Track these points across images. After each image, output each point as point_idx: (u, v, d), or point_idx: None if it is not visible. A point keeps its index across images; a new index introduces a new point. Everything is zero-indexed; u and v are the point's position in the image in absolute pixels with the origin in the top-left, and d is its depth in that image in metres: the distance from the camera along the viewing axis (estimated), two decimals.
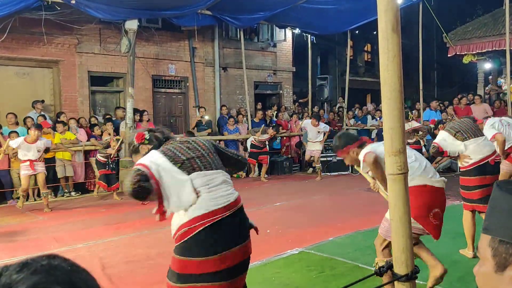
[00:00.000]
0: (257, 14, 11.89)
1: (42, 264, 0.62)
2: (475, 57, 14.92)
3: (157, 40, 12.08)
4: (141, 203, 4.75)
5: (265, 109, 13.78)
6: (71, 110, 10.65)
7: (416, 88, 13.89)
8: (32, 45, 10.18)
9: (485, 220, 0.93)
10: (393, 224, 2.00)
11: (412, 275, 1.97)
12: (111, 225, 6.76)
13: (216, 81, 13.49)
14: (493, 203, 0.92)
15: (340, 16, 12.51)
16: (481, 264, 0.93)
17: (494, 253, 0.88)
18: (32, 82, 10.58)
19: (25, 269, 0.61)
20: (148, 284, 4.20)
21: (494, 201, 0.92)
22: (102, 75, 11.56)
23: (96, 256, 5.08)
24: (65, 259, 0.67)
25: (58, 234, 6.31)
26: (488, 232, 0.91)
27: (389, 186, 2.01)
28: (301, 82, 16.37)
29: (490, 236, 0.90)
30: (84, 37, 10.98)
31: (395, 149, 1.96)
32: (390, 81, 1.91)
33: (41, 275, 0.60)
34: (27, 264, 0.62)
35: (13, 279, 0.59)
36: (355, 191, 9.15)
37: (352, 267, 4.45)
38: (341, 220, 6.55)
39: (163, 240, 5.78)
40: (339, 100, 16.05)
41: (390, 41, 1.88)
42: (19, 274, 0.60)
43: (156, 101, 12.55)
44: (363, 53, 22.71)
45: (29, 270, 0.61)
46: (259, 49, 14.74)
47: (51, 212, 7.91)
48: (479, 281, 0.93)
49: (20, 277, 0.59)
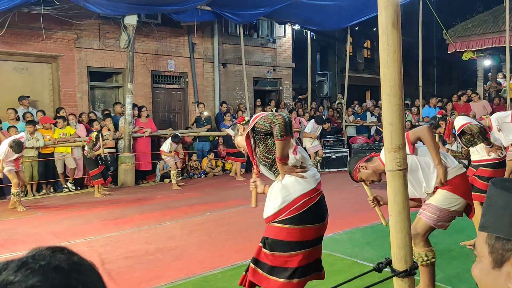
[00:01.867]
0: (257, 10, 11.86)
1: (41, 265, 0.60)
2: (474, 54, 14.91)
3: (156, 35, 12.05)
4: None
5: (264, 105, 13.76)
6: (70, 106, 10.62)
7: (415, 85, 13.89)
8: (31, 40, 10.15)
9: (482, 217, 0.94)
10: (391, 220, 2.00)
11: (411, 271, 1.97)
12: (110, 220, 6.77)
13: (215, 77, 13.47)
14: (489, 200, 0.93)
15: (340, 12, 12.49)
16: (478, 262, 0.93)
17: (491, 249, 0.89)
18: (31, 77, 10.55)
19: (23, 269, 0.59)
20: (147, 279, 4.20)
21: (490, 198, 0.93)
22: (101, 71, 11.53)
23: (95, 252, 5.08)
24: (71, 255, 0.64)
25: (57, 229, 6.31)
26: (484, 229, 0.92)
27: (388, 182, 2.01)
28: (300, 78, 16.34)
29: (487, 233, 0.91)
30: (83, 32, 10.94)
31: (394, 146, 1.96)
32: (390, 77, 1.91)
33: (38, 277, 0.58)
34: (26, 264, 0.60)
35: (9, 280, 0.57)
36: (354, 188, 9.14)
37: (351, 263, 4.46)
38: (339, 216, 6.55)
39: (162, 235, 5.79)
40: (338, 97, 16.04)
41: (390, 36, 1.88)
42: (16, 274, 0.58)
43: (155, 96, 12.53)
44: (363, 49, 22.67)
45: (26, 271, 0.59)
46: (259, 45, 14.71)
47: (51, 207, 7.92)
48: (477, 278, 0.93)
49: (16, 278, 0.57)
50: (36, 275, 0.58)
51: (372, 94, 21.30)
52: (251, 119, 2.80)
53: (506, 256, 0.86)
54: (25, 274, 0.58)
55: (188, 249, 5.14)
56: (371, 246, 5.00)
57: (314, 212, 2.68)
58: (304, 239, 2.65)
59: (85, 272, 0.63)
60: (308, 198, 2.66)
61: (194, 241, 5.46)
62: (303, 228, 2.65)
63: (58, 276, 0.59)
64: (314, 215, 2.68)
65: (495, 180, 0.94)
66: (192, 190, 9.52)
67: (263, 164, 2.82)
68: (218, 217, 6.77)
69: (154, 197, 8.78)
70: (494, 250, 0.88)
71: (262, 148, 2.78)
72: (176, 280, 4.15)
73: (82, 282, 0.61)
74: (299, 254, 2.65)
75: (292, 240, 2.64)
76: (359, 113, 14.30)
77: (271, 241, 2.69)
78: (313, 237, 2.69)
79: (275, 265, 2.66)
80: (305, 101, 14.74)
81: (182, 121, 13.04)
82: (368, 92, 22.11)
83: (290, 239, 2.64)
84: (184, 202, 8.00)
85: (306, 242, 2.67)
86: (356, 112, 14.33)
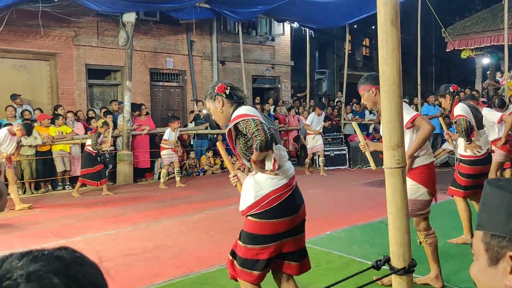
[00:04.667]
0: (256, 8, 11.85)
1: (44, 253, 0.64)
2: (473, 52, 14.92)
3: (155, 33, 12.02)
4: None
5: (263, 103, 13.75)
6: (68, 103, 10.60)
7: (414, 83, 13.89)
8: (29, 37, 10.12)
9: (478, 216, 0.97)
10: (390, 217, 2.00)
11: (409, 269, 1.98)
12: (108, 218, 6.76)
13: (214, 74, 13.45)
14: (484, 199, 0.95)
15: (339, 10, 12.48)
16: (475, 261, 0.95)
17: (487, 247, 0.91)
18: (29, 75, 10.52)
19: (26, 257, 0.62)
20: (145, 277, 4.20)
21: (485, 197, 0.95)
22: (99, 68, 11.51)
23: (93, 249, 5.07)
24: (74, 251, 0.67)
25: (55, 227, 6.30)
26: (480, 228, 0.94)
27: (387, 179, 2.01)
28: (299, 76, 16.33)
29: (483, 231, 0.92)
30: (81, 29, 10.92)
31: (393, 143, 1.96)
32: (388, 74, 1.91)
33: (40, 263, 0.61)
34: (30, 252, 0.64)
35: (13, 266, 0.61)
36: (352, 186, 9.17)
37: (349, 261, 4.46)
38: (338, 214, 6.56)
39: (160, 233, 5.79)
40: (337, 95, 16.03)
41: (389, 34, 1.88)
42: (20, 261, 0.62)
43: (153, 94, 12.51)
44: (362, 47, 22.66)
45: (28, 257, 0.62)
46: (257, 43, 14.70)
47: (49, 205, 7.90)
48: (475, 277, 0.95)
49: (19, 263, 0.61)
50: (38, 261, 0.62)
51: None
52: (233, 116, 2.77)
53: (501, 253, 0.88)
54: (28, 260, 0.62)
55: (186, 246, 5.14)
56: (369, 243, 5.00)
57: (286, 206, 2.71)
58: (276, 233, 2.70)
59: (86, 265, 0.66)
60: (279, 194, 2.68)
61: (192, 239, 5.46)
62: (274, 222, 2.69)
63: (59, 264, 0.62)
64: (285, 209, 2.71)
65: (490, 179, 0.97)
66: (191, 188, 9.51)
67: (245, 159, 2.85)
68: (217, 215, 6.77)
69: (152, 195, 8.78)
70: (490, 248, 0.90)
71: (242, 145, 2.82)
72: (174, 278, 4.15)
73: (82, 272, 0.64)
74: (271, 247, 2.70)
75: (264, 233, 2.69)
76: (358, 111, 14.30)
77: (245, 234, 2.76)
78: (285, 229, 2.72)
79: (246, 257, 2.72)
80: (304, 99, 14.74)
81: (181, 118, 13.01)
82: None
83: (262, 232, 2.69)
84: (182, 200, 8.00)
85: (279, 234, 2.71)
86: (354, 110, 14.33)
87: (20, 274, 0.59)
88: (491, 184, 0.94)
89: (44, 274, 0.60)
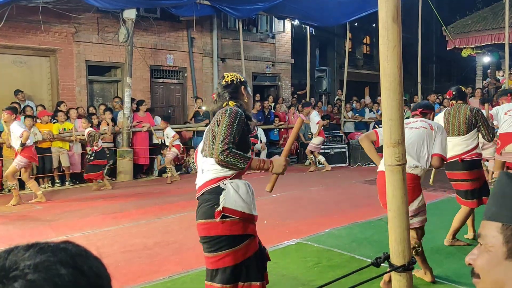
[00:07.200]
0: (256, 5, 11.82)
1: (49, 245, 0.65)
2: (473, 51, 14.90)
3: (155, 30, 12.01)
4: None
5: (263, 101, 13.75)
6: (68, 100, 10.59)
7: (414, 81, 13.88)
8: (29, 33, 10.10)
9: (490, 207, 0.94)
10: (390, 215, 2.00)
11: (409, 266, 1.98)
12: (108, 214, 6.76)
13: (214, 71, 13.44)
14: (502, 191, 0.92)
15: (340, 8, 12.46)
16: (484, 252, 0.92)
17: (507, 239, 0.88)
18: (29, 71, 10.51)
19: (32, 248, 0.63)
20: (145, 274, 4.21)
21: (503, 189, 0.92)
22: (99, 65, 11.49)
23: (93, 246, 5.06)
24: (78, 245, 0.68)
25: (55, 223, 6.31)
26: (497, 219, 0.91)
27: (387, 177, 2.01)
28: (299, 74, 16.32)
29: (501, 223, 0.90)
30: (81, 26, 10.90)
31: (393, 141, 1.96)
32: (389, 71, 1.91)
33: (47, 254, 0.62)
34: (35, 244, 0.65)
35: (19, 257, 0.62)
36: (352, 183, 9.17)
37: (349, 258, 4.47)
38: (338, 211, 6.57)
39: (160, 230, 5.80)
40: (337, 93, 16.02)
41: (390, 31, 1.88)
42: (26, 252, 0.63)
43: (154, 91, 12.50)
44: (362, 45, 22.64)
45: (35, 249, 0.63)
46: (258, 40, 14.68)
47: (48, 201, 7.91)
48: (483, 269, 0.92)
49: (26, 254, 0.62)
50: (45, 252, 0.63)
51: (371, 90, 21.29)
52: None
53: None
54: (35, 251, 0.63)
55: (186, 243, 5.15)
56: (369, 241, 5.01)
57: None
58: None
59: (91, 258, 0.67)
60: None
61: (192, 236, 5.45)
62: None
63: (66, 255, 0.63)
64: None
65: (507, 172, 0.94)
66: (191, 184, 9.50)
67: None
68: None
69: (152, 191, 8.78)
70: (511, 240, 0.87)
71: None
72: (174, 274, 4.16)
73: (87, 264, 0.65)
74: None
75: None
76: (358, 109, 14.30)
77: None
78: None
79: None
80: (304, 97, 14.72)
81: (181, 115, 13.03)
82: (367, 88, 22.10)
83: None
84: (182, 197, 8.00)
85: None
86: (354, 108, 14.33)
87: (27, 264, 0.60)
88: (509, 176, 0.92)
89: (51, 264, 0.61)
